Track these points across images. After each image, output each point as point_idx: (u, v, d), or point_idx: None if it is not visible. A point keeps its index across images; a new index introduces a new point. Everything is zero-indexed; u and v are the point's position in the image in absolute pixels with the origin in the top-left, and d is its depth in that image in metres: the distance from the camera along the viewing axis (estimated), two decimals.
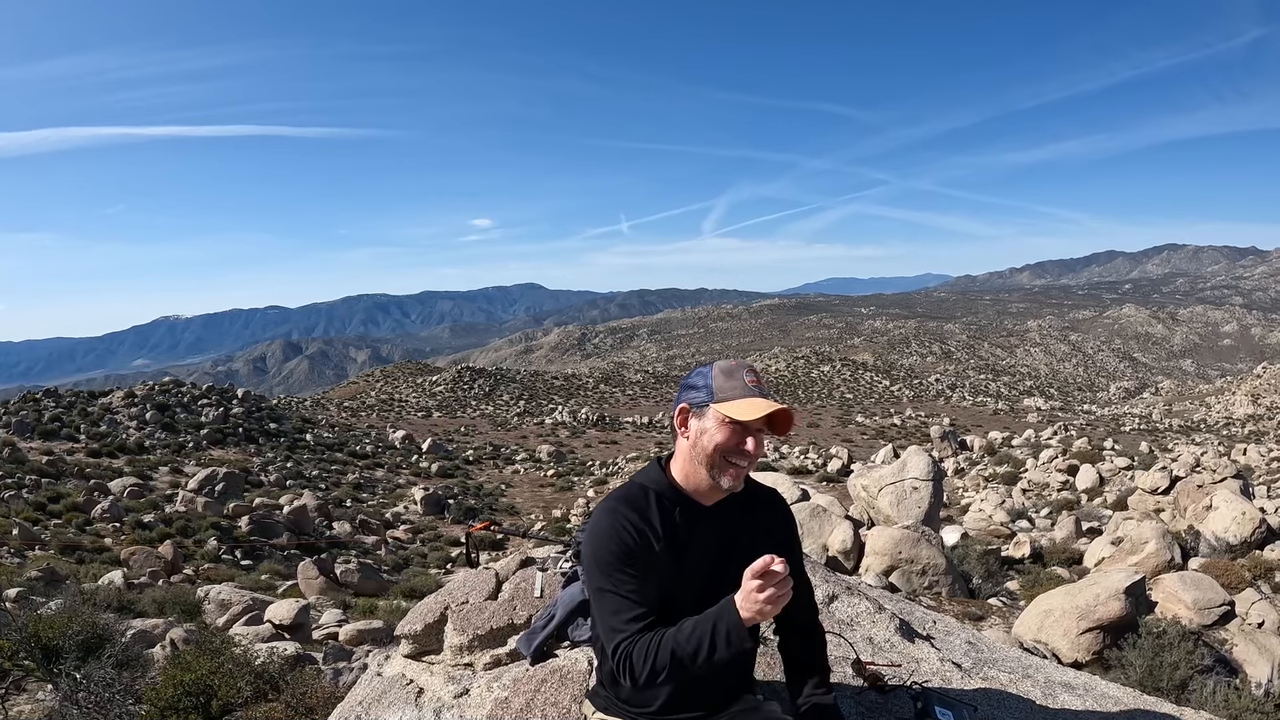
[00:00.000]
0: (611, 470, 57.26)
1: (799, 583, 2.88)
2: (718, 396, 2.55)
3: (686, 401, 2.61)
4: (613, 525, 2.57)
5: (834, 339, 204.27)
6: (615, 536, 2.55)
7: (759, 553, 2.42)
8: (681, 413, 2.62)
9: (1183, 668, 8.80)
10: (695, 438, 2.58)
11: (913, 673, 3.53)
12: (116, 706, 7.11)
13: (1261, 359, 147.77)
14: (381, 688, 3.92)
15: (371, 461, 56.04)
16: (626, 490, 2.68)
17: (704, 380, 2.60)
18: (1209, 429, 76.49)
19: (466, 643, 3.95)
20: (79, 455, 41.74)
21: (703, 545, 2.65)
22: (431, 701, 3.65)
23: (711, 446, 2.56)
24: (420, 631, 4.11)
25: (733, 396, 2.54)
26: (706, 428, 2.57)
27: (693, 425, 2.60)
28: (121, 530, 27.85)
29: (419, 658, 4.08)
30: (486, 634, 3.96)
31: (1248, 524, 15.97)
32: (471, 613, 4.10)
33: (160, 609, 13.67)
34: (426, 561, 31.54)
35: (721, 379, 2.58)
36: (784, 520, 2.89)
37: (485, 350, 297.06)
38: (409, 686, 3.83)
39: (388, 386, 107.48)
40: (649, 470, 2.74)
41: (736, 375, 2.60)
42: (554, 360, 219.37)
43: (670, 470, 2.69)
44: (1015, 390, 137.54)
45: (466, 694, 3.60)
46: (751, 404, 2.53)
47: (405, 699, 3.73)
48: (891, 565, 13.40)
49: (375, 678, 4.08)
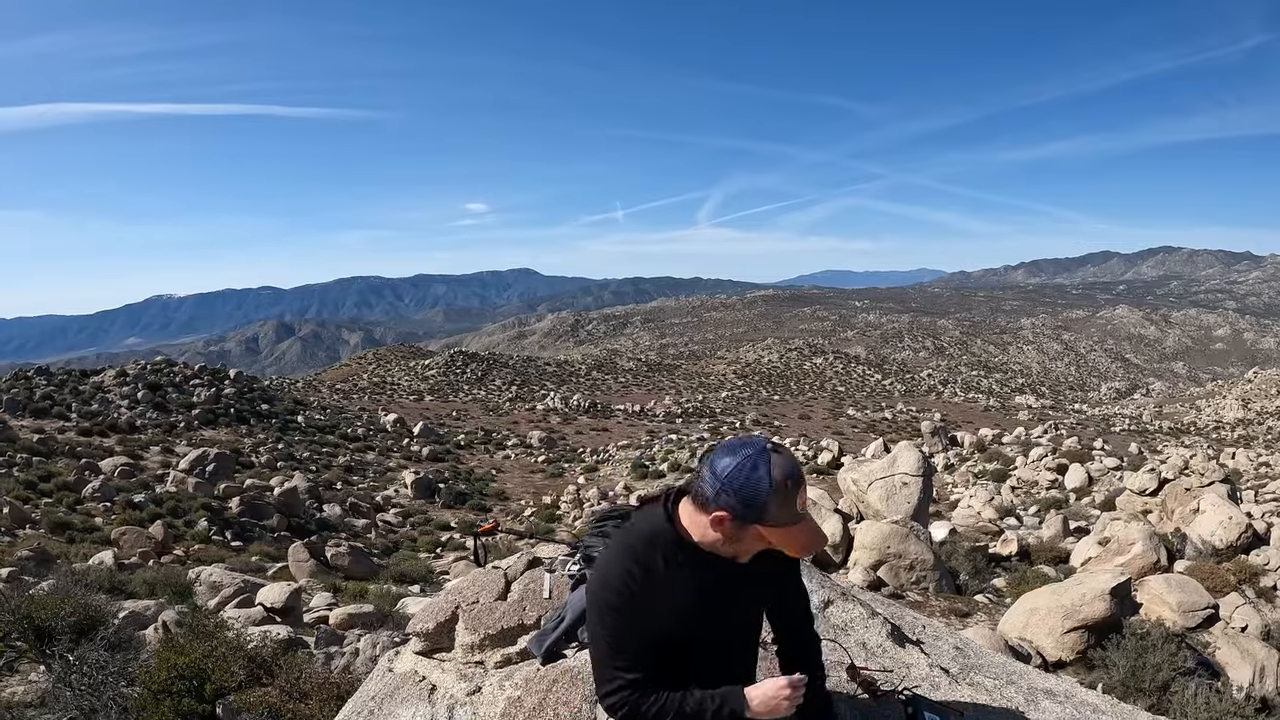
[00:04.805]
0: (602, 457, 57.23)
1: (796, 591, 2.95)
2: (767, 522, 2.44)
3: (728, 512, 2.44)
4: (614, 574, 2.58)
5: (827, 331, 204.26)
6: (614, 587, 2.56)
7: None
8: (719, 520, 2.46)
9: (1165, 669, 8.89)
10: (727, 536, 2.51)
11: (904, 678, 3.59)
12: (110, 689, 7.13)
13: (1253, 364, 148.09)
14: (394, 683, 3.98)
15: (362, 444, 55.96)
16: (628, 535, 2.67)
17: (760, 499, 2.41)
18: (1199, 432, 76.77)
19: (478, 641, 4.02)
20: (70, 434, 41.69)
21: (705, 589, 2.64)
22: (445, 698, 3.71)
23: (744, 549, 2.56)
24: (432, 629, 4.17)
25: (780, 523, 2.45)
26: (743, 536, 2.50)
27: (728, 528, 2.47)
28: (112, 510, 27.83)
29: (430, 655, 4.14)
30: (497, 633, 4.03)
31: (1234, 528, 16.08)
32: (482, 612, 4.16)
33: (151, 590, 13.71)
34: (416, 546, 31.59)
35: (776, 507, 2.42)
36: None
37: (478, 335, 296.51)
38: (421, 683, 3.88)
39: (380, 369, 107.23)
40: (654, 517, 2.66)
41: (791, 500, 2.45)
42: (547, 346, 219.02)
43: (679, 518, 2.62)
44: (1007, 388, 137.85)
45: (479, 692, 3.66)
46: (797, 538, 2.49)
47: (419, 695, 3.78)
48: (879, 560, 13.47)
49: (387, 673, 4.14)
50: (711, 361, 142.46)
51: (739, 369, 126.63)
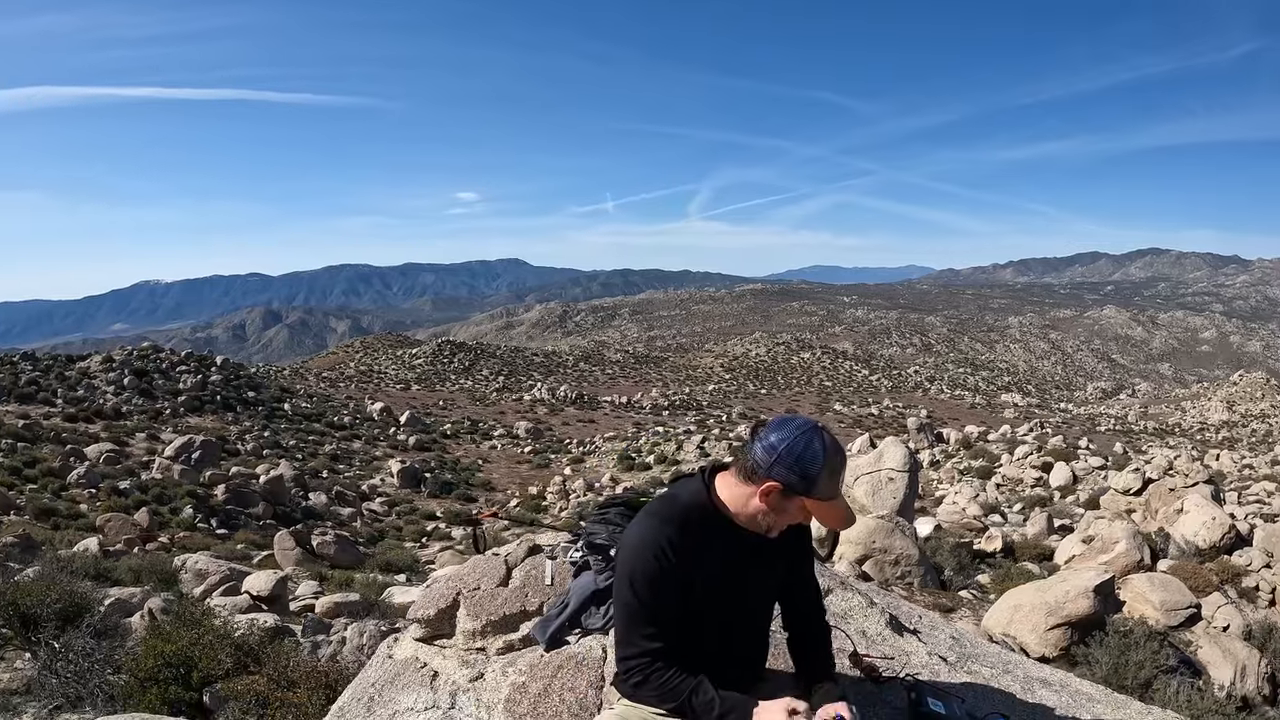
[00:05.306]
0: (589, 449, 57.30)
1: (809, 576, 3.02)
2: (815, 494, 2.56)
3: (782, 482, 2.55)
4: (649, 543, 2.63)
5: (815, 326, 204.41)
6: (649, 555, 2.62)
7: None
8: (770, 490, 2.57)
9: (1148, 667, 8.95)
10: (771, 507, 2.61)
11: (904, 665, 3.63)
12: (96, 676, 7.11)
13: (1239, 367, 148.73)
14: (394, 670, 3.98)
15: (349, 433, 55.92)
16: (668, 506, 2.72)
17: (814, 471, 2.53)
18: (1183, 433, 77.19)
19: (480, 628, 4.03)
20: (55, 420, 41.53)
21: (728, 561, 2.74)
22: (447, 684, 3.71)
23: (782, 521, 2.66)
24: (433, 616, 4.17)
25: (827, 496, 2.58)
26: (787, 509, 2.61)
27: (773, 499, 2.58)
28: (97, 496, 27.78)
29: (431, 641, 4.15)
30: (499, 620, 4.04)
31: (1217, 529, 16.17)
32: (484, 599, 4.17)
33: (137, 577, 13.67)
34: (402, 535, 31.60)
35: (826, 480, 2.55)
36: (799, 529, 2.94)
37: (466, 324, 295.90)
38: (423, 670, 3.88)
39: (367, 358, 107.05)
40: (693, 485, 2.77)
41: (838, 475, 2.59)
42: (535, 337, 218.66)
43: (716, 489, 2.72)
44: (993, 385, 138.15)
45: (481, 678, 3.66)
46: (838, 512, 2.63)
47: (420, 681, 3.78)
48: (865, 554, 13.52)
49: (387, 659, 4.14)
50: (699, 354, 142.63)
51: (726, 362, 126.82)
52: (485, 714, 3.45)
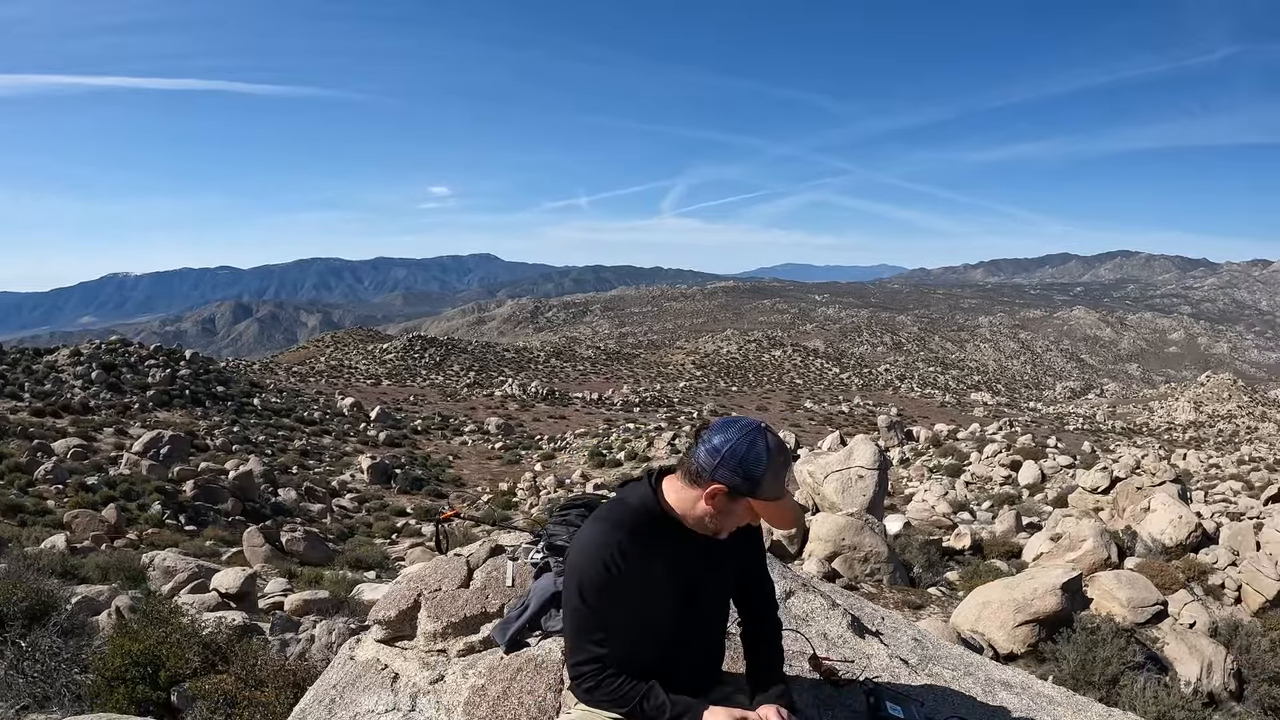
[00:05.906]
0: (559, 445, 57.21)
1: (761, 577, 3.02)
2: (760, 495, 2.56)
3: (725, 485, 2.55)
4: (599, 548, 2.63)
5: (787, 324, 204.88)
6: (599, 561, 2.62)
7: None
8: (716, 492, 2.57)
9: (1114, 663, 9.04)
10: (718, 509, 2.61)
11: (865, 668, 3.64)
12: (63, 675, 7.04)
13: (1206, 368, 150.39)
14: (355, 671, 3.96)
15: (319, 428, 55.54)
16: (618, 511, 2.72)
17: (758, 472, 2.53)
18: (1151, 433, 77.98)
19: (440, 629, 4.01)
20: (22, 414, 40.95)
21: (678, 565, 2.73)
22: (407, 686, 3.69)
23: (729, 523, 2.65)
24: (394, 617, 4.15)
25: (772, 497, 2.58)
26: (734, 510, 2.61)
27: (721, 501, 2.58)
28: (64, 492, 27.46)
29: (392, 643, 4.13)
30: (460, 621, 4.02)
31: (1184, 527, 16.34)
32: (445, 600, 4.15)
33: (104, 575, 13.54)
34: (372, 531, 31.48)
35: (770, 481, 2.55)
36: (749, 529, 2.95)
37: (437, 319, 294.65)
38: (384, 671, 3.87)
39: (338, 353, 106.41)
40: (640, 489, 2.77)
41: (782, 475, 2.60)
42: (506, 332, 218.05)
43: (663, 493, 2.72)
44: (963, 384, 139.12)
45: (442, 680, 3.65)
46: (784, 512, 2.62)
47: (381, 683, 3.77)
48: (834, 551, 13.59)
49: (349, 661, 4.11)
50: (670, 351, 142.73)
51: (698, 359, 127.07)
52: (445, 716, 3.43)
